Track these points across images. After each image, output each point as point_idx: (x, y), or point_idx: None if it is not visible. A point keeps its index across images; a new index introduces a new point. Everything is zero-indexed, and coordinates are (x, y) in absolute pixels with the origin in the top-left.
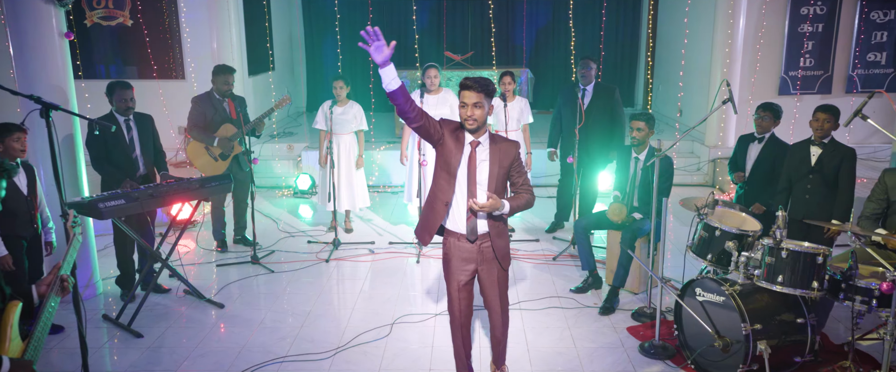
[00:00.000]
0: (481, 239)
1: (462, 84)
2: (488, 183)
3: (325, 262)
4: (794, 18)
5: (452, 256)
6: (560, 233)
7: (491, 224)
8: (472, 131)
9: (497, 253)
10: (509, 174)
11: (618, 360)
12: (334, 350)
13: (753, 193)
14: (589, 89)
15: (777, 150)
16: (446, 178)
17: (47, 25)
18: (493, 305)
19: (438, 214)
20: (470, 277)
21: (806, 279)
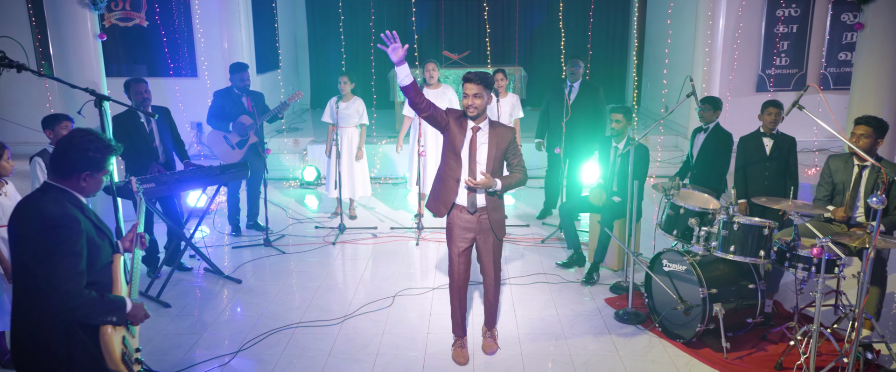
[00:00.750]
0: (480, 211)
1: (465, 77)
2: (487, 163)
3: (331, 244)
4: (770, 20)
5: (455, 225)
6: (549, 219)
7: (488, 199)
8: (473, 118)
9: (493, 224)
10: (506, 155)
11: (595, 325)
12: (342, 318)
13: (699, 176)
14: (576, 86)
15: (719, 137)
16: (454, 159)
17: (83, 28)
18: (487, 269)
19: (451, 190)
20: (469, 244)
21: (755, 249)
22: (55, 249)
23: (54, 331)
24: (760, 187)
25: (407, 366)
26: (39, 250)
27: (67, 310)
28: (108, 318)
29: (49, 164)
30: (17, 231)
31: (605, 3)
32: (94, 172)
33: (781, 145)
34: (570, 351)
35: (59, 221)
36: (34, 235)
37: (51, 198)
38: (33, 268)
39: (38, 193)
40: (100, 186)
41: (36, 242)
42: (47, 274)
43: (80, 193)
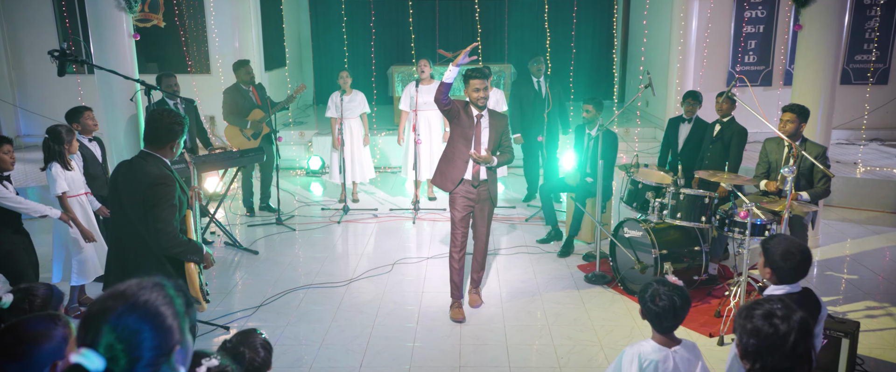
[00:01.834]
0: (481, 185)
1: (470, 75)
2: (488, 144)
3: (336, 223)
4: (739, 21)
5: (458, 196)
6: (533, 201)
7: (488, 173)
8: (479, 108)
9: (491, 194)
10: (500, 139)
11: (567, 285)
12: (347, 281)
13: (687, 162)
14: (543, 81)
15: (701, 127)
16: (463, 142)
17: (120, 29)
18: (480, 232)
19: (459, 169)
20: (467, 212)
21: (697, 215)
22: (160, 200)
23: (149, 267)
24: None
25: (404, 317)
26: (148, 201)
27: (170, 246)
28: (193, 257)
29: (144, 135)
30: (122, 189)
31: (589, 5)
32: (178, 140)
33: (726, 130)
34: (543, 305)
35: (162, 179)
36: (143, 190)
37: (151, 162)
38: (140, 215)
39: (139, 159)
40: (177, 152)
41: (145, 196)
42: (156, 219)
43: (168, 157)
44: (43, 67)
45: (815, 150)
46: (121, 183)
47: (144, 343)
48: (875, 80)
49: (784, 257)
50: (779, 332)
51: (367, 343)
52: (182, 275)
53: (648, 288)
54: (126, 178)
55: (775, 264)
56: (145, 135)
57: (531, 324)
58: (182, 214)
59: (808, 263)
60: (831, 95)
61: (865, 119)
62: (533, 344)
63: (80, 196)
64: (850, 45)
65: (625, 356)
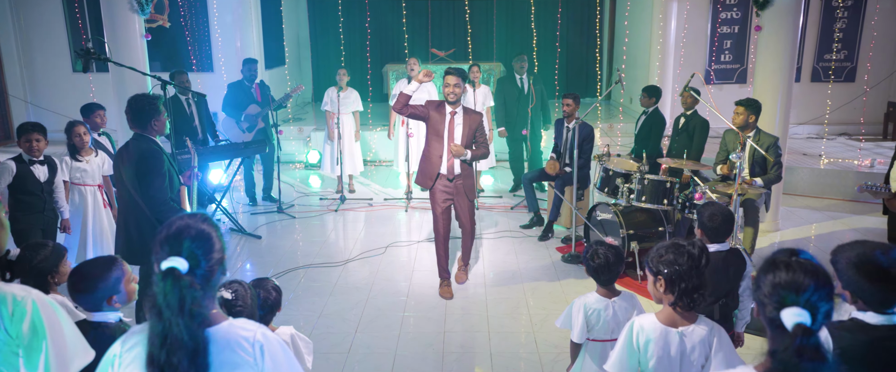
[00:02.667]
0: (456, 179)
1: (447, 71)
2: (461, 140)
3: (334, 211)
4: (715, 22)
5: (437, 191)
6: (519, 192)
7: (462, 168)
8: (451, 104)
9: (465, 189)
10: (475, 135)
11: (545, 265)
12: (344, 261)
13: (642, 149)
14: (525, 78)
15: (655, 118)
16: (436, 139)
17: (133, 30)
18: (464, 224)
19: (434, 165)
20: (447, 205)
21: (660, 199)
22: (149, 171)
23: (147, 233)
24: (673, 154)
25: (396, 292)
26: (139, 172)
27: (159, 211)
28: None
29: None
30: (121, 168)
31: (574, 7)
32: (157, 116)
33: (690, 122)
34: (523, 281)
35: (149, 153)
36: (134, 163)
37: (140, 140)
38: (136, 186)
39: (131, 140)
40: (164, 128)
41: (136, 168)
42: (147, 187)
43: (154, 134)
44: (53, 65)
45: (767, 140)
46: (120, 163)
47: (211, 249)
48: (844, 78)
49: (710, 219)
50: (692, 258)
51: (361, 313)
52: None
53: (589, 249)
54: (122, 158)
55: (704, 225)
56: (129, 120)
57: (511, 296)
58: (176, 188)
59: (730, 223)
60: (788, 91)
61: (827, 115)
62: (512, 313)
63: (92, 187)
64: (820, 44)
65: (574, 306)
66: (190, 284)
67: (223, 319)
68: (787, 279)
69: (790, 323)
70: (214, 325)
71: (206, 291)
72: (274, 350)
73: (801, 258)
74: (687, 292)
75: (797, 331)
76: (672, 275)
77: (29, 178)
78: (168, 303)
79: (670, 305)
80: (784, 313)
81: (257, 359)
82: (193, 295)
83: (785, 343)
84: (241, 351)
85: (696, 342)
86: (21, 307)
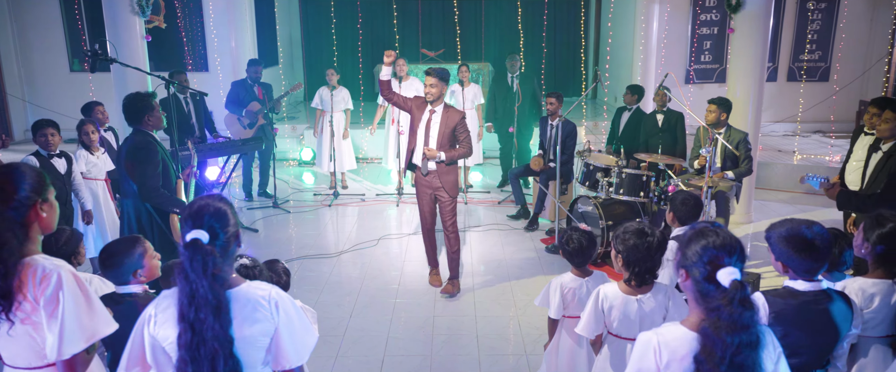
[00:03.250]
0: (432, 174)
1: (426, 72)
2: (438, 138)
3: (328, 207)
4: (695, 23)
5: (419, 184)
6: (506, 187)
7: (439, 166)
8: (430, 102)
9: (444, 185)
10: (455, 132)
11: (529, 255)
12: (338, 252)
13: (627, 145)
14: (516, 77)
15: (640, 115)
16: (414, 134)
17: (134, 31)
18: (444, 222)
19: (412, 154)
20: (430, 199)
21: (637, 191)
22: (143, 161)
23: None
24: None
25: (388, 280)
26: (134, 162)
27: (151, 197)
28: (173, 209)
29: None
30: (122, 160)
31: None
32: (150, 112)
33: (669, 118)
34: (508, 269)
35: (144, 144)
36: (131, 154)
37: (137, 135)
38: (132, 174)
39: (130, 135)
40: (160, 122)
41: (132, 159)
42: (141, 175)
43: (149, 128)
44: (51, 65)
45: (737, 136)
46: (118, 155)
47: (227, 223)
48: (818, 78)
49: (683, 203)
50: (650, 247)
51: (355, 300)
52: (166, 223)
53: (564, 234)
54: (122, 151)
55: (676, 209)
56: (126, 117)
57: (497, 284)
58: (172, 182)
59: (698, 208)
60: (760, 89)
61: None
62: (497, 299)
63: (101, 181)
64: (795, 45)
65: (551, 285)
66: (210, 251)
67: (242, 281)
68: (719, 243)
69: (728, 280)
70: (234, 287)
71: (225, 258)
72: (287, 306)
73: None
74: (640, 273)
75: (735, 286)
76: (629, 256)
77: (51, 172)
78: (193, 268)
79: (625, 281)
80: (721, 273)
81: (273, 313)
82: (214, 261)
83: (726, 298)
84: (258, 307)
85: (653, 306)
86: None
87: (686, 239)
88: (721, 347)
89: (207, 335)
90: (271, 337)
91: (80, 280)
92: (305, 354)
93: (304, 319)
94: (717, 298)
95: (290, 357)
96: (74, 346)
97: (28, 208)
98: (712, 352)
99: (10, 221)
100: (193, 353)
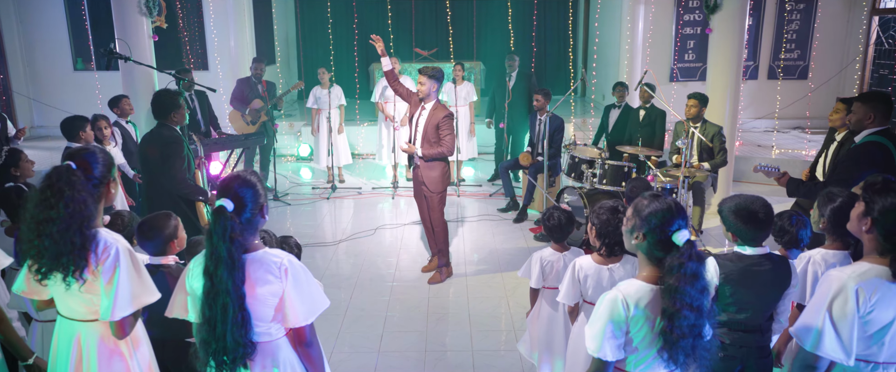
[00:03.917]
0: (417, 168)
1: (419, 71)
2: (423, 133)
3: (326, 199)
4: (678, 23)
5: (413, 177)
6: (497, 181)
7: (422, 162)
8: (422, 100)
9: (425, 179)
10: (437, 129)
11: (519, 243)
12: (337, 241)
13: (617, 140)
14: (514, 75)
15: (629, 112)
16: (407, 125)
17: (141, 31)
18: (431, 215)
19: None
20: (417, 190)
21: (618, 181)
22: (172, 154)
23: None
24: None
25: (386, 265)
26: (164, 155)
27: (180, 187)
28: (199, 197)
29: (153, 112)
30: (146, 151)
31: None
32: (177, 109)
33: (651, 114)
34: (499, 257)
35: (172, 139)
36: (160, 148)
37: (163, 129)
38: (161, 167)
39: (156, 128)
40: (184, 119)
41: (161, 152)
42: (170, 168)
43: (174, 124)
44: (55, 64)
45: (712, 130)
46: (145, 147)
47: (256, 195)
48: (797, 76)
49: (631, 190)
50: (620, 219)
51: (354, 283)
52: (193, 210)
53: (545, 213)
54: (148, 143)
55: (627, 195)
56: (154, 112)
57: (488, 269)
58: (191, 171)
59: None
60: (736, 86)
61: (777, 111)
62: (488, 282)
63: None
64: (775, 45)
65: (532, 258)
66: (231, 218)
67: (261, 247)
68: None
69: (682, 240)
70: (253, 251)
71: (249, 227)
72: (296, 272)
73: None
74: (610, 245)
75: (688, 245)
76: (602, 229)
77: None
78: (216, 231)
79: (596, 251)
80: (677, 236)
81: (282, 277)
82: (234, 226)
83: (681, 256)
84: (270, 271)
85: (623, 275)
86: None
87: (642, 207)
88: (682, 295)
89: (222, 289)
90: (280, 297)
91: (134, 255)
92: (312, 316)
93: (314, 285)
94: (674, 256)
95: (298, 316)
96: (125, 310)
97: (103, 185)
98: (679, 301)
99: (91, 196)
100: (210, 302)
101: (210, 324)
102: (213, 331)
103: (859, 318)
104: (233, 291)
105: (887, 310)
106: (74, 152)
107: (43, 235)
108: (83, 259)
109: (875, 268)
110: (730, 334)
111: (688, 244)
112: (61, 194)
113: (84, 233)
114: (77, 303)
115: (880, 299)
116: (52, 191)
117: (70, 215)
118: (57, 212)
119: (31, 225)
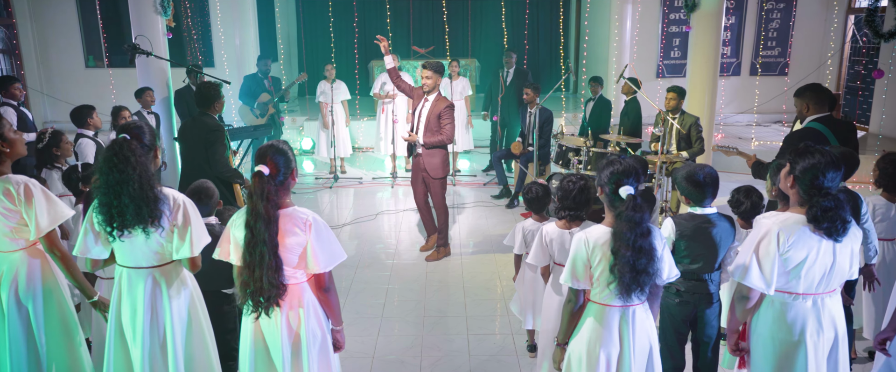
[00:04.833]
0: (420, 157)
1: (422, 65)
2: (426, 122)
3: (328, 188)
4: (664, 22)
5: (413, 165)
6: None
7: (424, 150)
8: (426, 92)
9: (426, 166)
10: (439, 119)
11: (509, 225)
12: (340, 225)
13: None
14: (510, 71)
15: (602, 104)
16: (412, 116)
17: (156, 29)
18: (433, 200)
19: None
20: (419, 178)
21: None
22: (215, 141)
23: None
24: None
25: (386, 245)
26: (208, 142)
27: (223, 171)
28: (238, 180)
29: (197, 102)
30: (188, 137)
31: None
32: (218, 100)
33: (628, 107)
34: (491, 239)
35: (216, 126)
36: (204, 135)
37: (208, 117)
38: (204, 152)
39: (199, 116)
40: (222, 108)
41: (206, 139)
42: (213, 153)
43: (214, 113)
44: (68, 61)
45: (689, 120)
46: (187, 134)
47: (288, 161)
48: (777, 72)
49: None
50: (579, 191)
51: (357, 261)
52: (231, 191)
53: (526, 187)
54: (191, 130)
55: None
56: (197, 102)
57: (481, 249)
58: (226, 154)
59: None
60: (714, 81)
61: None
62: (481, 259)
63: None
64: (756, 42)
65: (516, 228)
66: (268, 180)
67: (292, 205)
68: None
69: (625, 194)
70: (285, 208)
71: (282, 188)
72: (319, 228)
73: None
74: (567, 209)
75: (630, 198)
76: (562, 197)
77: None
78: (256, 191)
79: (559, 218)
80: (621, 190)
81: (306, 231)
82: (270, 188)
83: (625, 206)
84: (296, 224)
85: None
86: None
87: (602, 168)
88: (626, 237)
89: (259, 239)
90: (304, 247)
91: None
92: (330, 265)
93: (334, 240)
94: (620, 206)
95: (319, 263)
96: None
97: (151, 150)
98: (621, 241)
99: (148, 159)
100: (250, 250)
101: (250, 268)
102: (253, 274)
103: (779, 255)
104: (268, 241)
105: (802, 249)
106: (124, 127)
107: (122, 194)
108: (159, 210)
109: (795, 216)
110: (685, 282)
111: (630, 197)
112: (127, 161)
113: (155, 189)
114: (149, 251)
115: (796, 241)
116: (118, 158)
117: (140, 176)
118: (128, 175)
119: (106, 190)
